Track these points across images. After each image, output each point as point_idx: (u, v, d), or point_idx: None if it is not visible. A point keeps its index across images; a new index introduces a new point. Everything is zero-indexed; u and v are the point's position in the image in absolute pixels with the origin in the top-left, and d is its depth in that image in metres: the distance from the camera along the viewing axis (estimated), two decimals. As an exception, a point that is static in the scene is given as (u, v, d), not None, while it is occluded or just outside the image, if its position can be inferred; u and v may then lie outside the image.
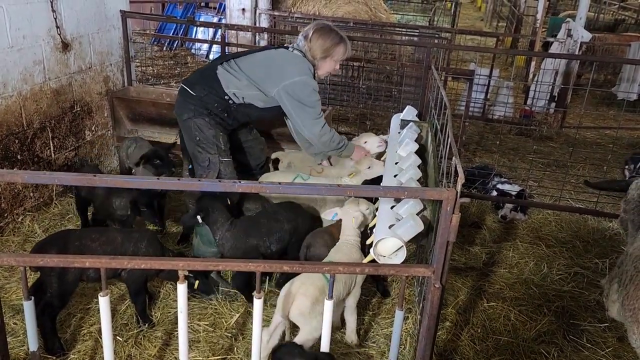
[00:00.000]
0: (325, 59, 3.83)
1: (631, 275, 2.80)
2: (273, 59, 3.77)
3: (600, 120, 9.08)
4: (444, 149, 3.11)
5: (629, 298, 2.77)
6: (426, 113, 4.67)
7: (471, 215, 5.11)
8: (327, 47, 3.79)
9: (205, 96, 3.65)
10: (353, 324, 3.28)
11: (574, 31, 7.98)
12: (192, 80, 3.78)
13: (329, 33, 3.80)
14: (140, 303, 3.33)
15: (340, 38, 3.85)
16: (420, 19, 14.89)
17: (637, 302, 2.70)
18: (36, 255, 2.21)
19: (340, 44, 3.84)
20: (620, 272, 2.97)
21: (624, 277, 2.88)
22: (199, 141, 3.66)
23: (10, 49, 4.13)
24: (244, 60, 3.78)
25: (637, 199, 3.27)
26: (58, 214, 4.60)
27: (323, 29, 3.80)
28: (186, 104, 3.69)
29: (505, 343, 3.44)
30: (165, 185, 2.17)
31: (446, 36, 8.77)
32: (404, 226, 2.74)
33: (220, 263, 2.34)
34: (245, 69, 3.72)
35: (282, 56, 3.78)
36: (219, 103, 3.68)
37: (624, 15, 15.05)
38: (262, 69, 3.72)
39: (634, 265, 2.82)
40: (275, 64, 3.73)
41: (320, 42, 3.77)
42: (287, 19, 8.41)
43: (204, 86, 3.68)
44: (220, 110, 3.68)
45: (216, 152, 3.67)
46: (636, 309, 2.70)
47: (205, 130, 3.65)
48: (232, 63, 3.76)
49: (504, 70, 11.21)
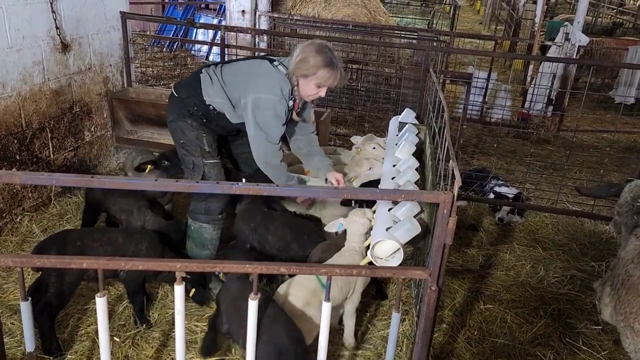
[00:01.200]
0: (305, 77, 3.43)
1: (623, 279, 2.82)
2: (253, 69, 3.54)
3: (597, 123, 9.12)
4: (441, 152, 3.13)
5: (621, 302, 2.78)
6: (424, 116, 4.69)
7: (468, 218, 5.13)
8: (309, 65, 3.37)
9: (187, 98, 3.58)
10: (351, 327, 3.29)
11: (571, 35, 8.02)
12: (180, 83, 3.75)
13: (319, 53, 3.37)
14: (138, 303, 3.34)
15: (330, 62, 3.38)
16: (419, 22, 14.92)
17: (629, 306, 2.72)
18: (33, 256, 2.22)
19: (327, 67, 3.37)
20: (613, 275, 2.99)
21: (616, 280, 2.89)
22: (183, 144, 3.64)
23: (10, 50, 4.14)
24: (228, 66, 3.63)
25: (630, 202, 3.28)
26: (57, 215, 4.61)
27: (315, 46, 3.41)
28: (171, 106, 3.68)
29: (502, 345, 3.45)
30: (163, 187, 2.18)
31: (445, 39, 8.80)
32: (401, 229, 2.76)
33: (218, 264, 2.35)
34: (224, 74, 3.56)
35: (261, 69, 3.51)
36: (198, 107, 3.56)
37: (621, 19, 15.11)
38: (239, 77, 3.53)
39: (625, 269, 2.84)
40: (251, 74, 3.51)
41: (305, 57, 3.38)
42: (287, 21, 8.43)
43: (187, 88, 3.62)
44: (200, 115, 3.59)
45: (199, 155, 3.63)
46: (628, 314, 2.72)
47: (187, 133, 3.60)
48: (218, 68, 3.63)
49: (502, 74, 11.25)
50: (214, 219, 3.70)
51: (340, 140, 6.60)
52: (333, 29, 8.37)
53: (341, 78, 3.48)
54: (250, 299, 2.28)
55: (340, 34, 8.22)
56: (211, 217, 3.69)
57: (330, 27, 8.42)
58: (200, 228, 3.70)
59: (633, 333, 2.71)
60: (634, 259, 2.85)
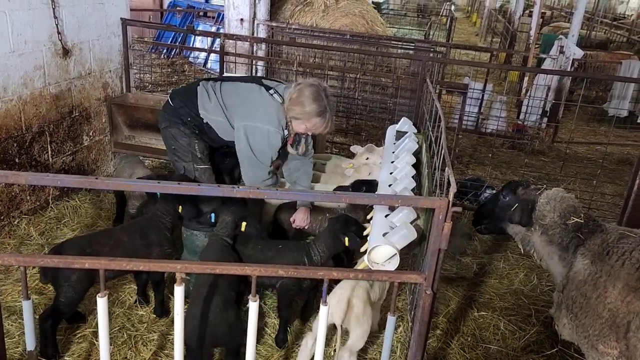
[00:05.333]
0: (297, 120, 3.55)
1: (580, 302, 2.79)
2: (251, 95, 3.60)
3: (591, 135, 9.23)
4: (437, 160, 3.18)
5: (582, 326, 2.77)
6: (421, 125, 4.76)
7: (463, 226, 5.18)
8: (304, 111, 3.48)
9: (180, 108, 3.66)
10: None
11: (566, 48, 8.14)
12: (176, 91, 3.84)
13: (315, 100, 3.46)
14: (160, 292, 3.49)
15: (322, 111, 3.49)
16: (415, 32, 15.06)
17: (591, 329, 2.72)
18: (36, 255, 2.25)
19: (320, 116, 3.50)
20: (566, 297, 2.91)
21: (572, 304, 2.85)
22: (175, 150, 3.70)
23: (12, 54, 4.18)
24: (226, 86, 3.68)
25: (559, 222, 3.05)
26: (54, 218, 4.63)
27: (312, 92, 3.47)
28: (164, 113, 3.75)
29: (495, 352, 3.50)
30: (164, 189, 2.22)
31: (441, 50, 8.89)
32: (397, 234, 2.80)
33: (217, 267, 2.39)
34: (223, 94, 3.63)
35: (260, 97, 3.58)
36: (192, 118, 3.64)
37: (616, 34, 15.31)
38: (237, 98, 3.61)
39: (580, 291, 2.81)
40: (250, 100, 3.58)
41: (300, 103, 3.47)
42: (285, 29, 8.50)
43: (182, 98, 3.69)
44: (193, 125, 3.65)
45: (191, 160, 3.69)
46: (591, 336, 2.73)
47: (179, 139, 3.67)
48: (217, 85, 3.69)
49: (497, 85, 11.36)
50: (205, 228, 3.71)
51: (336, 149, 6.66)
52: (331, 39, 8.45)
53: (331, 125, 3.62)
54: (250, 300, 2.31)
55: (338, 44, 8.29)
56: (203, 226, 3.70)
57: (328, 37, 8.50)
58: (192, 235, 3.71)
59: (597, 354, 2.72)
60: (587, 280, 2.80)
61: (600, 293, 2.72)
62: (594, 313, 2.73)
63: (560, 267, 3.06)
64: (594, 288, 2.76)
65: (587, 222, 3.00)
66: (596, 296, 2.74)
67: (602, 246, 2.85)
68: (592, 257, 2.84)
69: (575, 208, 3.07)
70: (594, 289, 2.76)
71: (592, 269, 2.81)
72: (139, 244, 3.29)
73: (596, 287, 2.75)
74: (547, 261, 3.16)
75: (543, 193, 3.16)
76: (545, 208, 3.10)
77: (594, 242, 2.90)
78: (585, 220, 3.00)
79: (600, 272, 2.76)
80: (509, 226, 3.33)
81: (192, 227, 3.67)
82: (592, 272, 2.80)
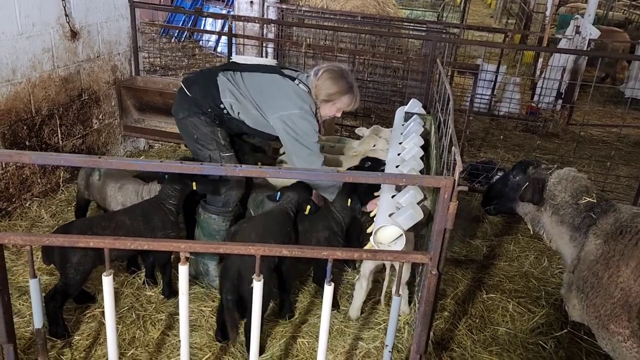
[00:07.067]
0: (327, 102, 3.62)
1: (592, 282, 2.76)
2: (278, 86, 3.61)
3: (607, 118, 9.06)
4: (446, 141, 3.14)
5: (593, 305, 2.74)
6: (430, 106, 4.70)
7: (473, 209, 5.14)
8: (332, 92, 3.58)
9: (201, 99, 3.60)
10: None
11: (582, 28, 7.95)
12: (191, 80, 3.73)
13: (339, 79, 3.58)
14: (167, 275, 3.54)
15: (349, 87, 3.61)
16: (429, 14, 14.84)
17: (602, 308, 2.68)
18: (42, 235, 2.26)
19: (347, 94, 3.61)
20: (577, 278, 2.88)
21: (583, 284, 2.82)
22: (197, 139, 3.62)
23: (20, 36, 4.19)
24: (249, 77, 3.66)
25: (571, 202, 3.01)
26: (65, 200, 4.67)
27: (334, 72, 3.58)
28: (182, 103, 3.66)
29: (503, 333, 3.47)
30: (168, 168, 2.21)
31: (454, 32, 8.75)
32: (404, 214, 2.78)
33: (221, 246, 2.39)
34: (249, 86, 3.62)
35: (286, 86, 3.60)
36: (212, 109, 3.60)
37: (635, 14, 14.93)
38: (264, 92, 3.61)
39: (592, 271, 2.77)
40: (278, 92, 3.59)
41: (328, 85, 3.56)
42: (295, 11, 8.43)
43: (201, 88, 3.62)
44: (214, 116, 3.62)
45: (216, 148, 3.62)
46: (602, 315, 2.69)
47: (201, 128, 3.60)
48: (237, 75, 3.66)
49: (511, 67, 11.18)
50: (224, 212, 3.70)
51: (346, 132, 6.62)
52: (341, 20, 8.36)
53: (358, 101, 3.75)
54: (255, 280, 2.31)
55: (349, 25, 8.21)
56: (223, 210, 3.69)
57: (338, 19, 8.41)
58: (209, 219, 3.71)
59: (608, 334, 2.69)
60: (599, 260, 2.76)
61: (613, 272, 2.68)
62: (605, 293, 2.70)
63: (571, 248, 3.02)
64: (606, 267, 2.73)
65: (600, 201, 2.95)
66: (608, 275, 2.70)
67: (615, 225, 2.80)
68: (605, 236, 2.80)
69: (588, 188, 3.01)
70: (606, 268, 2.72)
71: (604, 249, 2.77)
72: (141, 227, 3.30)
73: (608, 266, 2.72)
74: (557, 242, 3.12)
75: (554, 172, 3.11)
76: (556, 188, 3.05)
77: (606, 221, 2.86)
78: (597, 200, 2.95)
79: (613, 252, 2.73)
80: (519, 205, 3.28)
81: (211, 211, 3.66)
82: (605, 252, 2.76)
